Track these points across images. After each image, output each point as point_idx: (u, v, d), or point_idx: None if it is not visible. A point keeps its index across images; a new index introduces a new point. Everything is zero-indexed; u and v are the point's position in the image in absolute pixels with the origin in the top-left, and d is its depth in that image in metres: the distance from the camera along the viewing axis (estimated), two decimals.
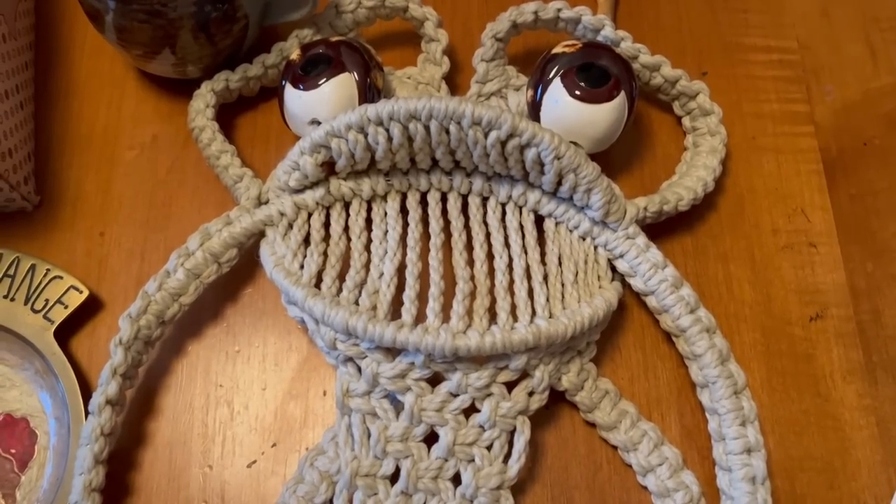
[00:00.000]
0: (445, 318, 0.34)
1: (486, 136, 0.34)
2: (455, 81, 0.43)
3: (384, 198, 0.38)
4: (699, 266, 0.39)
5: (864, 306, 0.39)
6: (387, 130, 0.35)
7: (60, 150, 0.42)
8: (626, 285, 0.37)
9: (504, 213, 0.38)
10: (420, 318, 0.34)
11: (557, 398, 0.36)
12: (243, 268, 0.39)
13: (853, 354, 0.38)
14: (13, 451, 0.36)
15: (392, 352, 0.34)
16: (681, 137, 0.42)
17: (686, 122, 0.41)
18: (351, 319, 0.33)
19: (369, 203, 0.38)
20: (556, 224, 0.38)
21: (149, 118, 0.43)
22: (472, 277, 0.36)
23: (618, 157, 0.41)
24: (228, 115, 0.42)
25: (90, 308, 0.38)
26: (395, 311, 0.34)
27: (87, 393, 0.36)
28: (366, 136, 0.35)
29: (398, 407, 0.34)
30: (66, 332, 0.38)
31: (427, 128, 0.34)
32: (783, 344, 0.38)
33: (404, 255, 0.36)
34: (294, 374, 0.38)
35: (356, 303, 0.34)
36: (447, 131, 0.34)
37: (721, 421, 0.34)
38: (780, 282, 0.39)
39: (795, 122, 0.42)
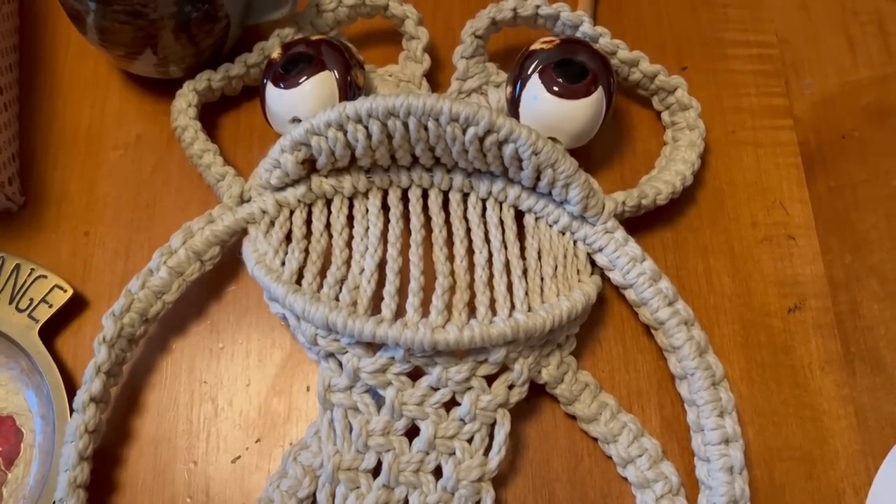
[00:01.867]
0: (425, 312, 0.34)
1: (464, 132, 0.34)
2: (436, 79, 0.43)
3: (365, 195, 0.38)
4: (679, 259, 0.40)
5: (843, 297, 0.39)
6: (366, 128, 0.35)
7: (45, 151, 0.42)
8: (605, 279, 0.38)
9: (484, 209, 0.38)
10: (400, 313, 0.34)
11: (538, 391, 0.36)
12: (227, 266, 0.39)
13: (831, 345, 0.38)
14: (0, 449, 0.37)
15: (372, 347, 0.34)
16: (660, 132, 0.42)
17: (665, 116, 0.42)
18: (331, 315, 0.33)
19: (351, 200, 0.38)
20: (536, 219, 0.38)
21: (133, 118, 0.43)
22: (452, 273, 0.36)
23: (598, 153, 0.42)
24: (211, 114, 0.42)
25: (75, 307, 0.39)
26: (375, 306, 0.35)
27: (72, 391, 0.36)
28: (345, 133, 0.35)
29: (379, 401, 0.34)
30: (51, 331, 0.38)
31: (406, 125, 0.35)
32: (762, 335, 0.38)
33: (385, 251, 0.36)
34: (277, 371, 0.38)
35: (336, 298, 0.35)
36: (426, 128, 0.35)
37: (699, 412, 0.35)
38: (760, 274, 0.39)
39: (774, 116, 0.43)
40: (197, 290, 0.39)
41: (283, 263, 0.36)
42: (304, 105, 0.37)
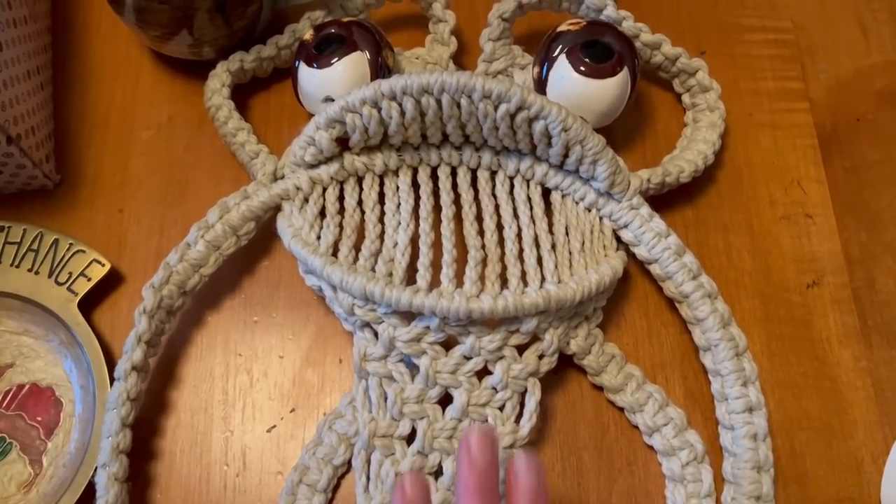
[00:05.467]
0: (459, 283, 0.35)
1: (495, 108, 0.35)
2: (461, 62, 0.44)
3: (396, 172, 0.39)
4: (700, 236, 0.41)
5: (859, 274, 0.40)
6: (400, 105, 0.36)
7: (79, 131, 0.43)
8: (630, 255, 0.39)
9: (512, 186, 0.39)
10: (434, 283, 0.35)
11: (566, 363, 0.37)
12: (259, 242, 0.40)
13: (849, 319, 0.39)
14: (39, 418, 0.37)
15: (407, 316, 0.35)
16: (681, 114, 0.43)
17: (686, 98, 0.43)
18: (369, 285, 0.34)
19: (381, 178, 0.39)
20: (563, 196, 0.39)
21: (164, 99, 0.44)
22: (483, 246, 0.37)
23: (620, 134, 0.43)
24: (242, 95, 0.43)
25: (111, 281, 0.40)
26: (409, 278, 0.36)
27: (110, 363, 0.37)
28: (379, 110, 0.36)
29: (413, 370, 0.35)
30: (88, 305, 0.39)
31: (439, 102, 0.36)
32: (782, 310, 0.39)
33: (417, 225, 0.37)
34: (310, 343, 0.39)
35: (372, 270, 0.36)
36: (458, 105, 0.36)
37: (724, 382, 0.36)
38: (778, 251, 0.41)
39: (791, 99, 0.44)
40: (230, 266, 0.39)
41: (318, 237, 0.37)
42: (336, 84, 0.38)
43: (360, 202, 0.38)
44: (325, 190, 0.38)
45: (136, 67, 0.45)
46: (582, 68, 0.37)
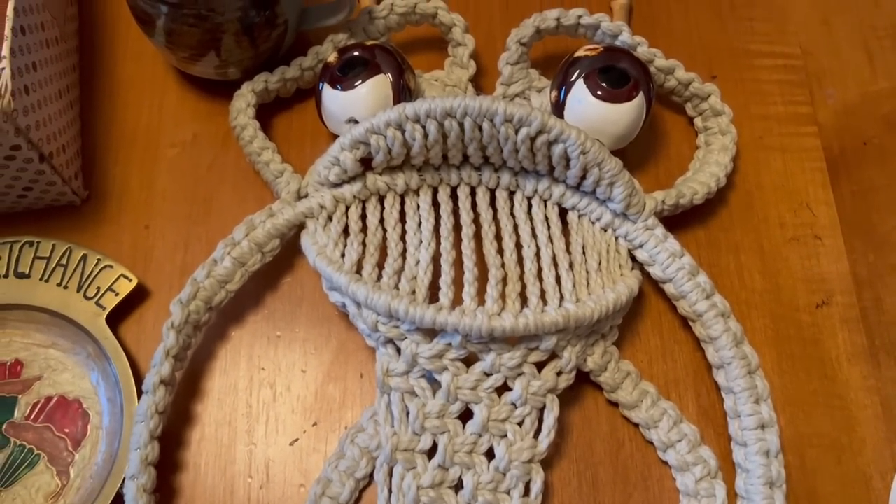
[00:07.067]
0: (480, 301, 0.36)
1: (517, 132, 0.37)
2: (480, 85, 0.45)
3: (416, 192, 0.40)
4: (712, 257, 0.42)
5: (867, 294, 0.41)
6: (423, 127, 0.37)
7: (106, 149, 0.44)
8: (644, 274, 0.40)
9: (530, 206, 0.40)
10: (457, 301, 0.36)
11: (581, 380, 0.38)
12: (282, 258, 0.41)
13: (857, 339, 0.40)
14: (67, 430, 0.38)
15: (430, 333, 0.36)
16: (693, 137, 0.44)
17: (698, 122, 0.44)
18: (393, 302, 0.35)
19: (402, 197, 0.40)
20: (580, 216, 0.40)
21: (189, 118, 0.45)
22: (503, 265, 0.38)
23: (634, 156, 0.44)
24: (265, 115, 0.44)
25: (137, 296, 0.40)
26: (431, 295, 0.37)
27: (136, 376, 0.38)
28: (403, 132, 0.37)
29: (435, 386, 0.36)
30: (114, 320, 0.39)
31: (461, 125, 0.37)
32: (792, 329, 0.40)
33: (438, 244, 0.38)
34: (332, 358, 0.40)
35: (396, 287, 0.37)
36: (480, 128, 0.37)
37: (736, 399, 0.37)
38: (788, 271, 0.42)
39: (800, 123, 0.45)
40: (254, 282, 0.40)
41: (342, 255, 0.38)
42: (360, 106, 0.39)
43: (381, 220, 0.39)
44: (347, 208, 0.39)
45: (162, 86, 0.46)
46: (599, 93, 0.38)
